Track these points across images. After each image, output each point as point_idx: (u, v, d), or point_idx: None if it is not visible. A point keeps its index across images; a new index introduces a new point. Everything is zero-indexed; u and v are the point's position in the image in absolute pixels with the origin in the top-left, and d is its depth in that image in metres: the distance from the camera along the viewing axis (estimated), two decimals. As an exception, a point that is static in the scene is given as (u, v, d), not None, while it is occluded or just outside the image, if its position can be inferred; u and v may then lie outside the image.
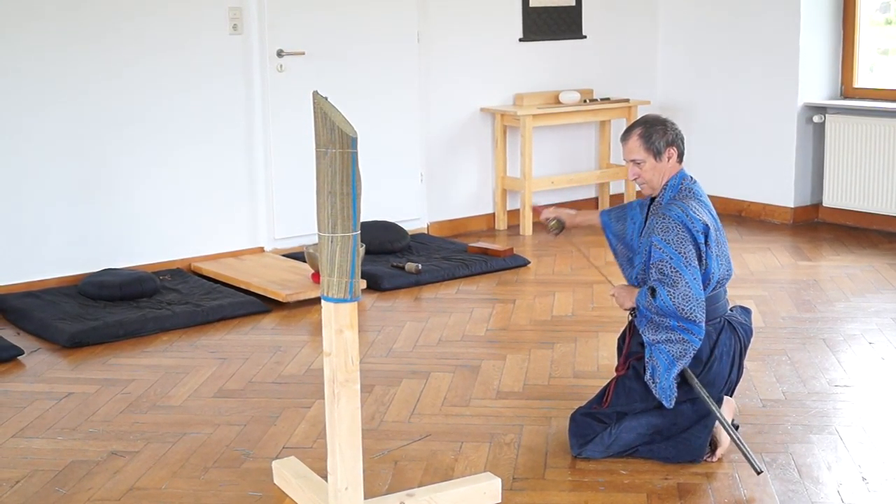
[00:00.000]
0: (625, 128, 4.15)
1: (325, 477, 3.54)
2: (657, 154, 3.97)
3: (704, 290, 3.87)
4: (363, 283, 6.11)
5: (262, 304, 5.87)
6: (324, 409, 3.79)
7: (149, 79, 6.41)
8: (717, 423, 3.88)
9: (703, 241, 3.86)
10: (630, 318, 4.04)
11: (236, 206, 6.83)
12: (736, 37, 8.04)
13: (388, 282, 6.24)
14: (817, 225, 7.83)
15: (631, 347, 4.03)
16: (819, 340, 5.20)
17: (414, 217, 7.54)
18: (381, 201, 7.21)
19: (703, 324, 3.83)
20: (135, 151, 6.42)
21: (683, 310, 3.78)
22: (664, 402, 3.85)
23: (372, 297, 6.11)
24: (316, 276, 6.08)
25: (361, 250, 4.65)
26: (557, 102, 7.87)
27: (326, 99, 3.17)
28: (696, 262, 3.83)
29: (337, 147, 3.11)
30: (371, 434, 4.12)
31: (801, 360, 4.91)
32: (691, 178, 4.04)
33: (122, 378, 4.85)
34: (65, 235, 6.24)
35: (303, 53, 6.88)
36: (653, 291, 3.84)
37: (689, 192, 3.98)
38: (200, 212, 6.68)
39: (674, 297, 3.78)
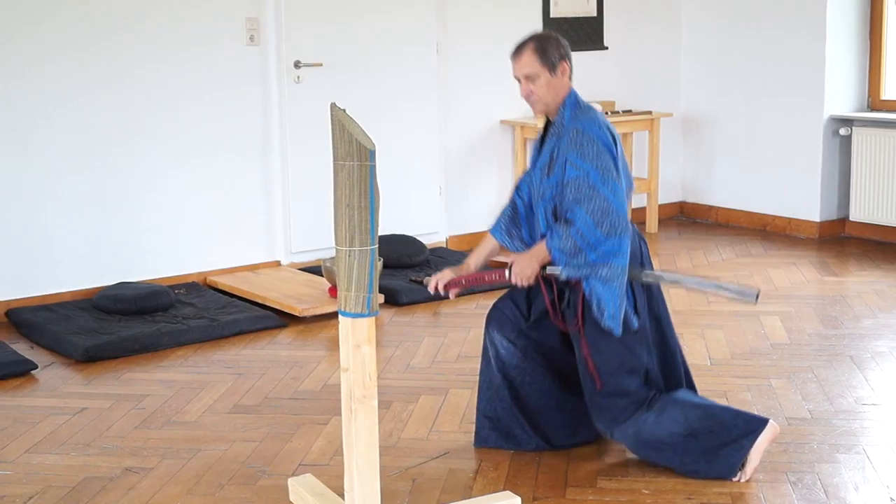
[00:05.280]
0: (515, 46, 3.97)
1: (341, 495, 3.50)
2: (552, 68, 3.88)
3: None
4: (381, 298, 6.06)
5: (279, 319, 5.83)
6: (341, 426, 3.74)
7: (165, 90, 6.39)
8: (754, 445, 3.80)
9: (616, 153, 3.81)
10: (541, 278, 3.91)
11: (253, 219, 6.80)
12: (760, 48, 7.98)
13: (406, 296, 6.19)
14: (844, 240, 7.74)
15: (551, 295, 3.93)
16: (846, 357, 5.12)
17: (432, 230, 7.49)
18: (400, 215, 7.16)
19: (627, 238, 3.75)
20: (150, 163, 6.40)
21: (603, 225, 3.70)
22: (615, 331, 3.77)
23: (390, 311, 6.06)
24: (333, 291, 6.04)
25: (379, 264, 4.61)
26: (578, 115, 7.81)
27: (344, 111, 3.15)
28: (616, 175, 3.76)
29: (355, 160, 3.08)
30: (389, 451, 4.07)
31: (827, 378, 4.83)
32: None
33: (136, 393, 4.82)
34: (79, 249, 6.21)
35: (320, 65, 6.85)
36: (567, 223, 3.75)
37: (587, 107, 3.92)
38: (216, 225, 6.65)
39: (592, 213, 3.70)
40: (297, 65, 6.77)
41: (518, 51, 3.93)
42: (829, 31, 7.54)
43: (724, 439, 3.79)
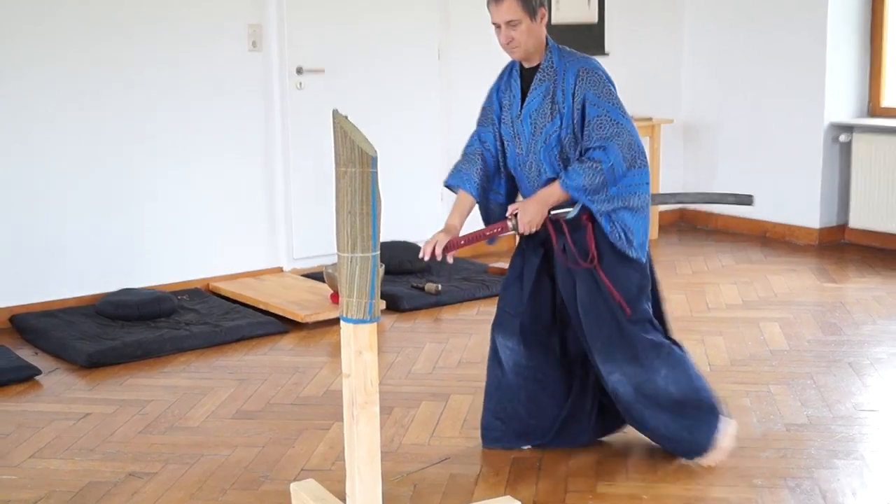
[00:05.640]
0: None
1: (343, 500, 3.49)
2: (533, 14, 3.84)
3: None
4: (382, 304, 6.07)
5: (281, 325, 5.84)
6: (342, 431, 3.76)
7: (167, 95, 6.40)
8: (724, 432, 3.91)
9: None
10: (549, 221, 3.89)
11: (255, 225, 6.80)
12: (761, 54, 7.99)
13: (407, 302, 6.19)
14: (843, 246, 7.74)
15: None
16: (845, 364, 5.12)
17: (434, 237, 7.48)
18: (401, 221, 7.16)
19: (648, 167, 3.82)
20: (153, 170, 6.40)
21: (628, 158, 3.74)
22: (641, 260, 3.82)
23: (391, 317, 6.07)
24: (335, 297, 6.05)
25: (381, 270, 4.61)
26: (579, 121, 7.82)
27: (346, 117, 3.14)
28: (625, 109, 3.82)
29: (357, 166, 3.08)
30: (390, 457, 4.08)
31: (826, 384, 4.84)
32: None
33: (139, 399, 4.82)
34: (82, 255, 6.22)
35: (322, 71, 6.86)
36: (593, 160, 3.73)
37: (568, 49, 3.93)
38: (219, 231, 6.66)
39: (622, 148, 3.74)
40: (299, 71, 6.78)
41: None
42: (829, 37, 7.54)
43: (703, 419, 3.91)
